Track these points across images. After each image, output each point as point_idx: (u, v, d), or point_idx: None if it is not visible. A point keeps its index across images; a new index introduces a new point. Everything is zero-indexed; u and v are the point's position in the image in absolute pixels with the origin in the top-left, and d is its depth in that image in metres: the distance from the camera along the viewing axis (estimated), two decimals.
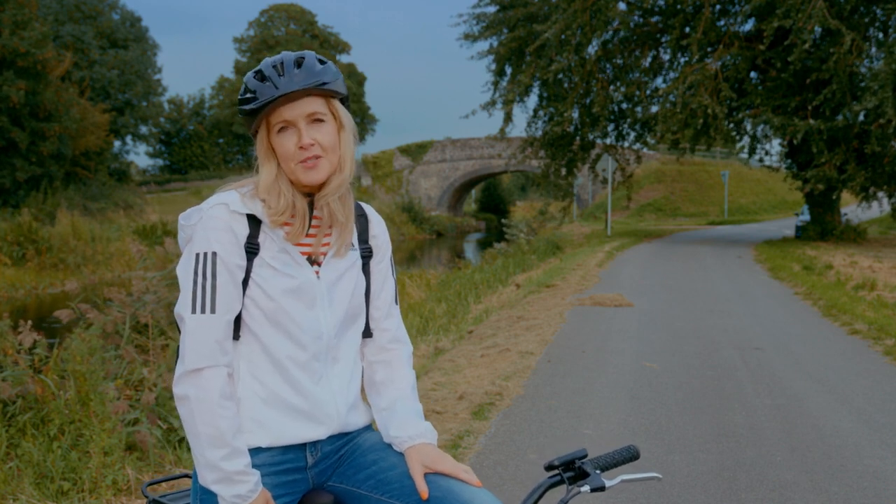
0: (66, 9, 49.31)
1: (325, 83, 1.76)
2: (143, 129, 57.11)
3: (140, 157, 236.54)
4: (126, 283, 11.51)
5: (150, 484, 2.10)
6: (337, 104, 1.81)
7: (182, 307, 1.74)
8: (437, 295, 13.60)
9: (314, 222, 1.84)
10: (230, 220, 1.75)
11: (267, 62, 1.78)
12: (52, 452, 4.69)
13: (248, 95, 1.77)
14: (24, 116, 31.12)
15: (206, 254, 1.73)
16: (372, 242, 1.95)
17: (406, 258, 30.32)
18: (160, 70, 56.33)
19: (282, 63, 1.75)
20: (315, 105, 1.77)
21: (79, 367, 5.21)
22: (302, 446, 1.82)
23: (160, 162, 68.70)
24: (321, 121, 1.78)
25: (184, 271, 1.75)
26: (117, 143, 51.34)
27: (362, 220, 1.94)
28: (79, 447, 4.80)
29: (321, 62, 1.79)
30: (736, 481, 4.17)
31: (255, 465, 1.76)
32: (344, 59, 66.76)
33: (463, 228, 52.04)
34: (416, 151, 53.85)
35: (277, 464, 1.80)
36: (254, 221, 1.77)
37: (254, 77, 1.77)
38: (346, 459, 1.87)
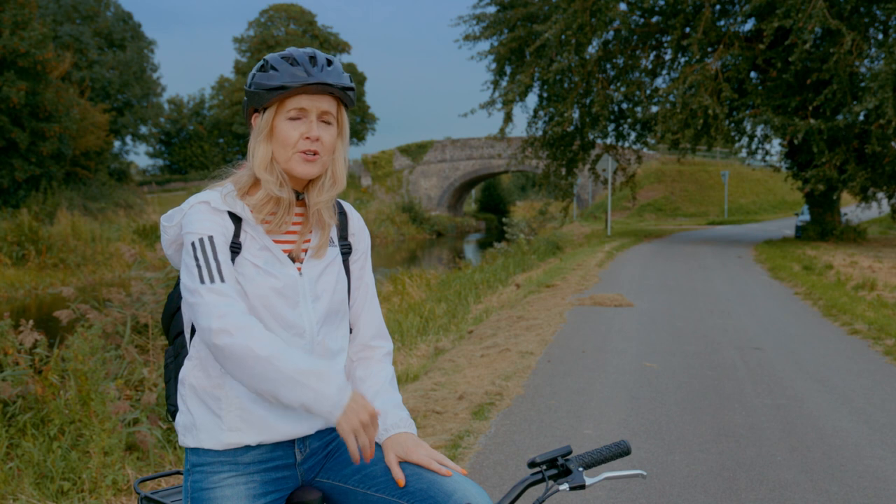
0: (64, 9, 49.32)
1: (348, 88, 1.83)
2: (143, 129, 57.10)
3: (140, 157, 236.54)
4: (126, 284, 11.50)
5: (142, 481, 2.10)
6: (345, 114, 1.88)
7: (190, 280, 1.71)
8: (437, 295, 13.59)
9: (296, 219, 1.86)
10: (214, 215, 1.78)
11: (297, 50, 1.82)
12: (52, 452, 4.69)
13: (273, 73, 1.78)
14: (24, 116, 31.10)
15: (202, 238, 1.73)
16: (351, 240, 1.98)
17: (406, 258, 30.29)
18: (158, 67, 56.32)
19: (314, 56, 1.80)
20: (330, 105, 1.82)
21: (79, 367, 5.21)
22: (290, 443, 1.83)
23: (160, 162, 68.66)
24: (329, 123, 1.83)
25: (185, 262, 1.74)
26: (117, 144, 51.33)
27: (342, 218, 1.98)
28: (79, 447, 4.80)
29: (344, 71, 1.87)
30: (736, 481, 4.17)
31: (244, 464, 1.78)
32: (344, 59, 66.64)
33: (463, 228, 51.94)
34: (416, 151, 53.79)
35: (266, 461, 1.81)
36: (234, 220, 1.79)
37: (281, 58, 1.80)
38: (334, 454, 1.88)
